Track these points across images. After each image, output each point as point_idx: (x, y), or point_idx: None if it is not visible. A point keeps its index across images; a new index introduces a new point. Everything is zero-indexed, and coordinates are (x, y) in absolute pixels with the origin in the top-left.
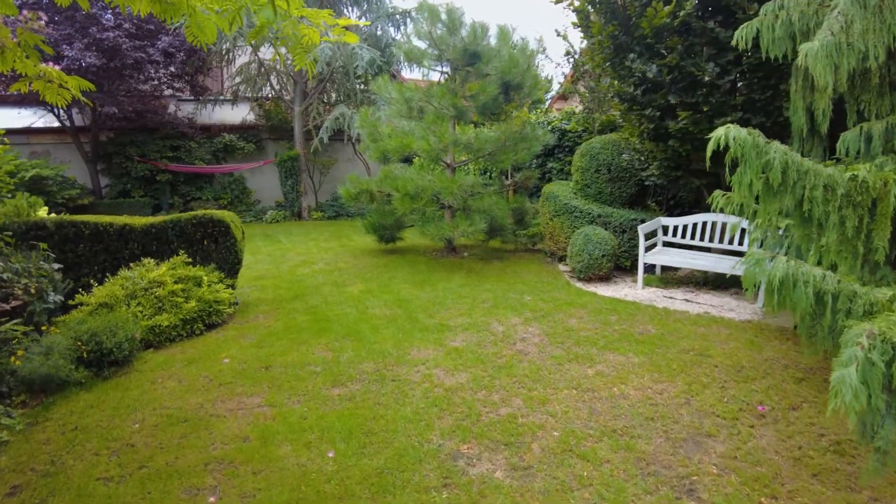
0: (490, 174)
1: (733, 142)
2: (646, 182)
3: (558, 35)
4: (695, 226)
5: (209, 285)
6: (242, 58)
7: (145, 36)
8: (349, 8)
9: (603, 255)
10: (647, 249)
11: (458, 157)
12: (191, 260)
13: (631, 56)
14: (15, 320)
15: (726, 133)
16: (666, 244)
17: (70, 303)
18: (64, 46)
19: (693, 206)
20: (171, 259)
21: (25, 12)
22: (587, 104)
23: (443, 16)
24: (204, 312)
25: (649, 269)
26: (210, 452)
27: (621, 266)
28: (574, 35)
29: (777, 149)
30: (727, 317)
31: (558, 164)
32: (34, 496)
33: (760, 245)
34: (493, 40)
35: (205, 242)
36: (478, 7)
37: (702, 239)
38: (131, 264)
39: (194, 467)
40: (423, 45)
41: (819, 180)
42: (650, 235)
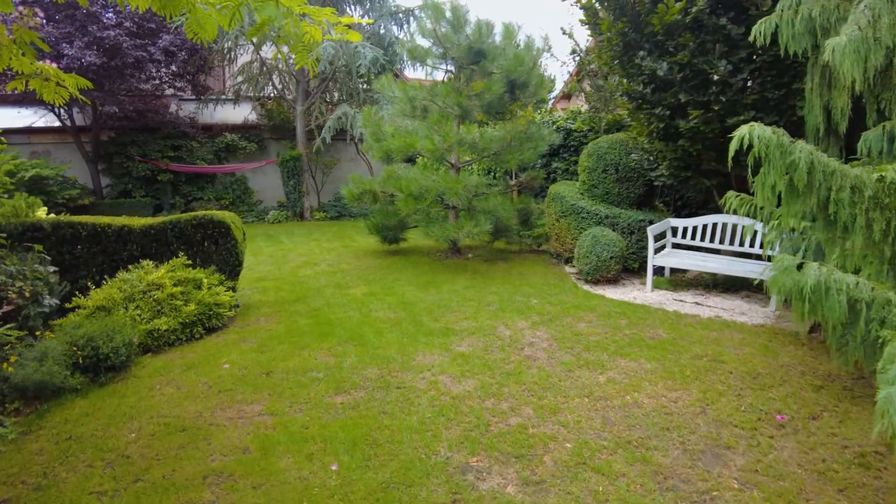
0: (494, 174)
1: (757, 141)
2: (655, 182)
3: (564, 33)
4: (704, 227)
5: (209, 288)
6: (244, 57)
7: (146, 35)
8: (352, 6)
9: (611, 257)
10: (657, 251)
11: (462, 157)
12: (190, 262)
13: (640, 54)
14: (9, 325)
15: (750, 132)
16: (675, 246)
17: (67, 306)
18: (64, 45)
19: (700, 207)
20: (170, 261)
21: (21, 9)
22: (593, 103)
23: (447, 13)
24: (204, 316)
25: (658, 271)
26: (208, 464)
27: (629, 268)
28: (580, 33)
29: (802, 148)
30: (739, 321)
31: (563, 163)
32: None
33: (776, 248)
34: (498, 38)
35: (205, 244)
36: (481, 5)
37: (711, 241)
38: (130, 266)
39: (192, 481)
40: (426, 44)
41: (846, 181)
42: (659, 237)
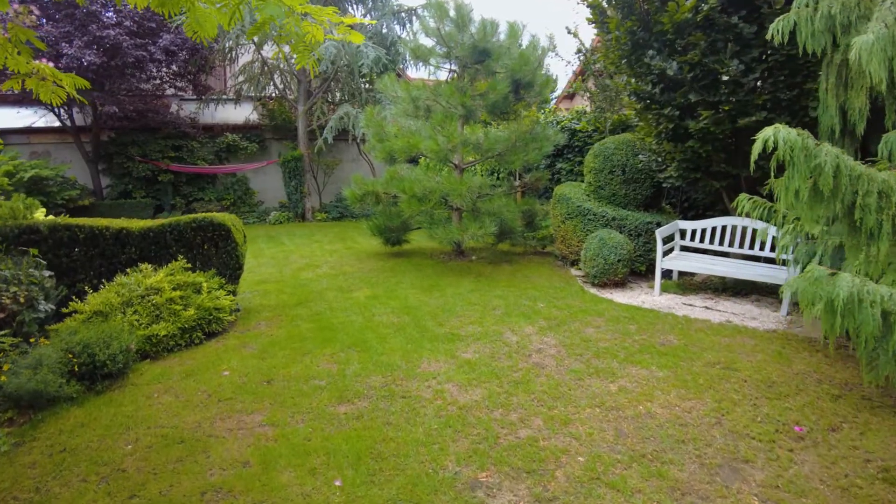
0: (498, 175)
1: (783, 143)
2: (663, 184)
3: (569, 32)
4: (714, 229)
5: (209, 292)
6: (245, 56)
7: (146, 34)
8: (354, 6)
9: (619, 260)
10: (665, 254)
11: (466, 158)
12: (190, 265)
13: (650, 53)
14: (3, 331)
15: (775, 134)
16: (683, 248)
17: (63, 311)
18: (63, 45)
19: (707, 209)
20: (169, 264)
21: (16, 6)
22: (599, 103)
23: (451, 12)
24: (203, 320)
25: (666, 274)
26: (207, 479)
27: (636, 271)
28: (585, 32)
29: (828, 151)
30: (751, 326)
31: (568, 164)
32: None
33: (790, 253)
34: (502, 37)
35: (205, 247)
36: (485, 4)
37: (721, 243)
38: (128, 270)
39: (189, 497)
40: (430, 43)
41: (873, 186)
42: (667, 239)
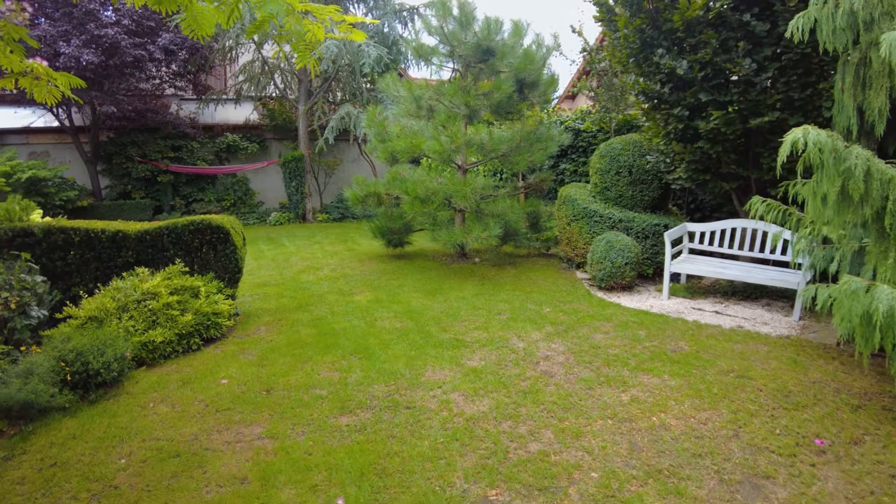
0: (501, 176)
1: (812, 145)
2: (672, 185)
3: (573, 31)
4: (723, 232)
5: (207, 296)
6: (246, 56)
7: (146, 33)
8: (355, 5)
9: (626, 263)
10: (673, 257)
11: (469, 159)
12: (188, 269)
13: (659, 51)
14: None
15: (804, 135)
16: (691, 251)
17: (57, 316)
18: (61, 44)
19: (714, 211)
20: (166, 268)
21: (9, 3)
22: (604, 103)
23: (454, 10)
24: (201, 326)
25: (673, 277)
26: (203, 496)
27: (643, 274)
28: (589, 32)
29: (858, 154)
30: (763, 331)
31: (572, 165)
32: None
33: (806, 258)
34: (506, 36)
35: (203, 250)
36: (488, 3)
37: (730, 246)
38: (124, 274)
39: None
40: (433, 42)
41: None
42: (675, 242)
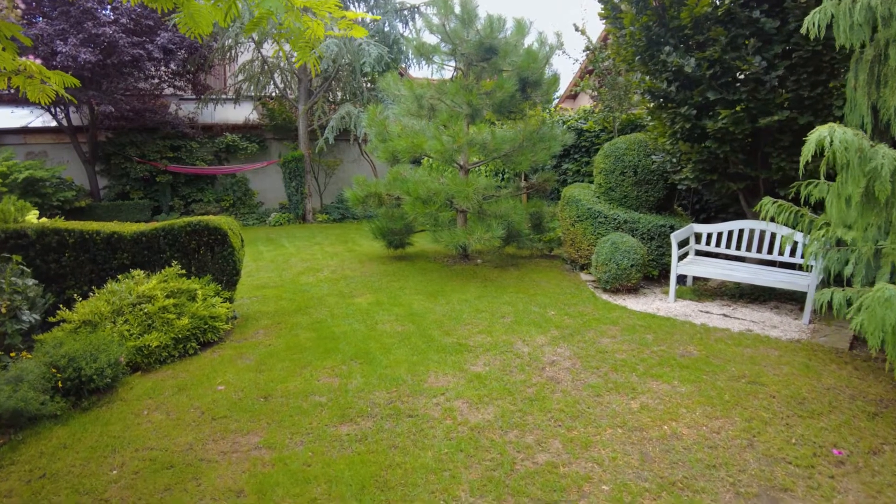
0: (503, 176)
1: (839, 144)
2: (678, 185)
3: (577, 30)
4: (730, 233)
5: (204, 299)
6: (245, 55)
7: (144, 32)
8: (355, 4)
9: (632, 265)
10: (680, 258)
11: (471, 159)
12: (185, 271)
13: (666, 49)
14: None
15: (830, 133)
16: (698, 253)
17: (51, 320)
18: (58, 42)
19: (719, 211)
20: (163, 270)
21: (2, 1)
22: (608, 102)
23: (456, 8)
24: (198, 330)
25: (680, 279)
26: None
27: (649, 276)
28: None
29: (885, 153)
30: (773, 335)
31: (574, 165)
32: None
33: (819, 260)
34: (509, 34)
35: (200, 251)
36: (490, 2)
37: (738, 248)
38: (119, 276)
39: None
40: (434, 40)
41: None
42: (682, 244)
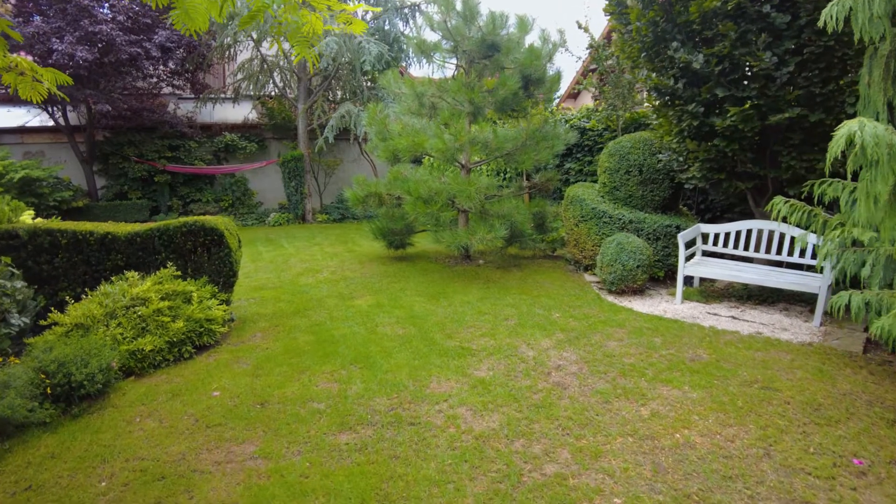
0: (505, 176)
1: (870, 139)
2: (685, 185)
3: (580, 27)
4: (738, 234)
5: (200, 302)
6: (244, 54)
7: (141, 30)
8: (355, 3)
9: (638, 266)
10: (687, 259)
11: (473, 157)
12: (180, 273)
13: (673, 45)
14: None
15: (860, 128)
16: (704, 253)
17: (42, 323)
18: (54, 40)
19: (725, 211)
20: (158, 272)
21: None
22: (611, 100)
23: (458, 5)
24: (194, 333)
25: (686, 280)
26: None
27: (654, 277)
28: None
29: None
30: (783, 338)
31: (577, 164)
32: None
33: (833, 261)
34: (511, 31)
35: (196, 252)
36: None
37: (746, 248)
38: (113, 278)
39: None
40: (435, 37)
41: None
42: (689, 244)
